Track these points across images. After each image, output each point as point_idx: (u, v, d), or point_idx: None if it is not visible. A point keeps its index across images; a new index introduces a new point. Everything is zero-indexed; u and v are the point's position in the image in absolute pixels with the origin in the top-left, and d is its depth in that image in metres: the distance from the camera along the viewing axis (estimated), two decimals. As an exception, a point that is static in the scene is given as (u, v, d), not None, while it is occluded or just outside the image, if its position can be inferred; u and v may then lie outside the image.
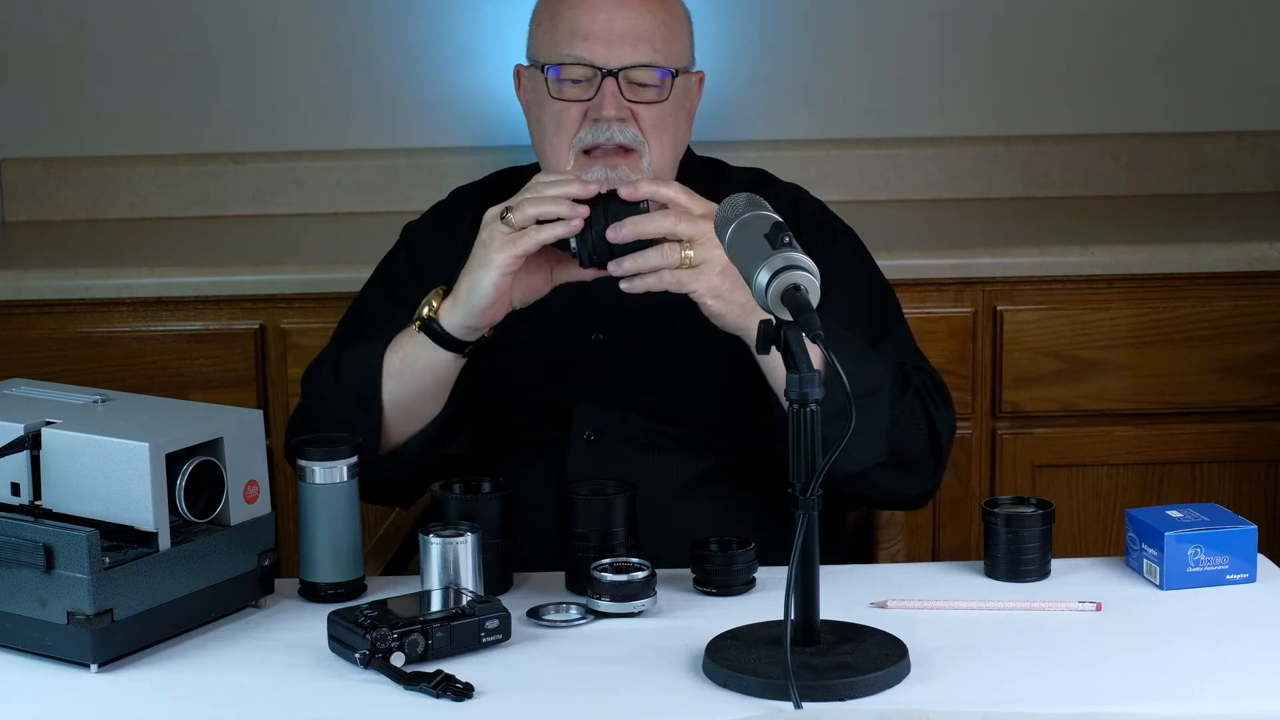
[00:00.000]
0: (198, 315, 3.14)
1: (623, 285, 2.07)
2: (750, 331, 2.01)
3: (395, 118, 3.63)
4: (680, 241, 2.05)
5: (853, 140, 3.64)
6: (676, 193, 2.08)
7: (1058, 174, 3.66)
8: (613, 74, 2.20)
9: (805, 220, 2.32)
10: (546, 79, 2.24)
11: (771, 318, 1.77)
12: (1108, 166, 3.66)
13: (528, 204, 2.07)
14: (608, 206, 2.07)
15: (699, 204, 2.08)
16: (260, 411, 1.94)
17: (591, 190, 2.07)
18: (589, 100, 2.23)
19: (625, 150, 2.23)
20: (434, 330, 2.13)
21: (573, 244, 2.08)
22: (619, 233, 2.05)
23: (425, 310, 2.14)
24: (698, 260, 2.05)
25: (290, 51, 3.62)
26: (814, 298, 1.77)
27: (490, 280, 2.07)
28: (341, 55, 3.62)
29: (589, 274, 2.12)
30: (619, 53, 2.21)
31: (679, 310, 2.24)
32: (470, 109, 3.56)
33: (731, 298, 2.06)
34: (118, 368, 3.11)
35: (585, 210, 2.07)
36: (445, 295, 2.13)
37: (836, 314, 2.04)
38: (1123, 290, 3.17)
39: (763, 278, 1.77)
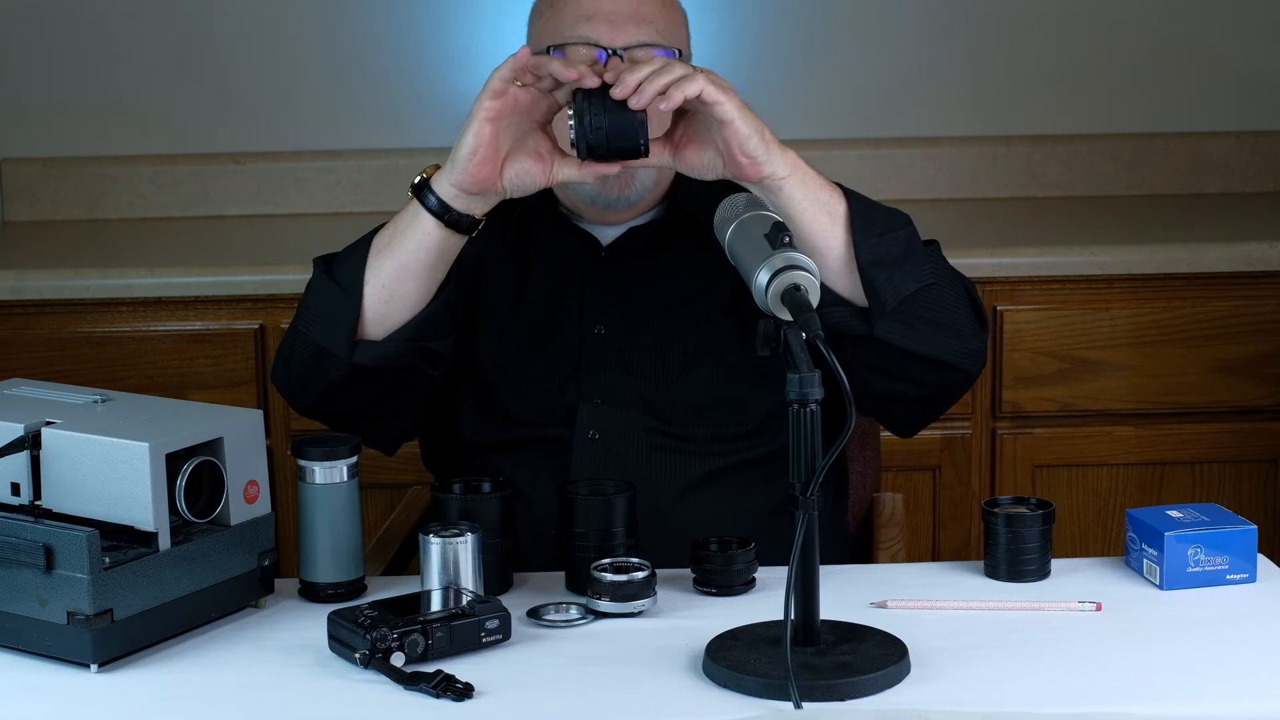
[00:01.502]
0: (198, 315, 3.14)
1: (631, 102, 1.98)
2: (775, 164, 2.01)
3: (395, 118, 3.63)
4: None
5: (853, 140, 3.64)
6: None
7: (1058, 174, 3.66)
8: (617, 53, 2.19)
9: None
10: None
11: (773, 313, 1.78)
12: (1108, 166, 3.66)
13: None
14: (606, 98, 2.00)
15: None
16: (260, 411, 1.94)
17: (594, 83, 2.02)
18: None
19: None
20: (424, 196, 2.09)
21: (572, 134, 2.02)
22: (637, 98, 1.97)
23: (418, 178, 2.11)
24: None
25: (290, 51, 3.62)
26: (814, 298, 1.77)
27: (472, 128, 2.04)
28: (341, 55, 3.62)
29: (589, 174, 2.05)
30: (623, 32, 2.20)
31: (678, 299, 2.25)
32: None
33: (756, 124, 2.02)
34: (118, 368, 3.11)
35: (586, 79, 2.00)
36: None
37: None
38: (1123, 290, 3.17)
39: (763, 278, 1.78)
